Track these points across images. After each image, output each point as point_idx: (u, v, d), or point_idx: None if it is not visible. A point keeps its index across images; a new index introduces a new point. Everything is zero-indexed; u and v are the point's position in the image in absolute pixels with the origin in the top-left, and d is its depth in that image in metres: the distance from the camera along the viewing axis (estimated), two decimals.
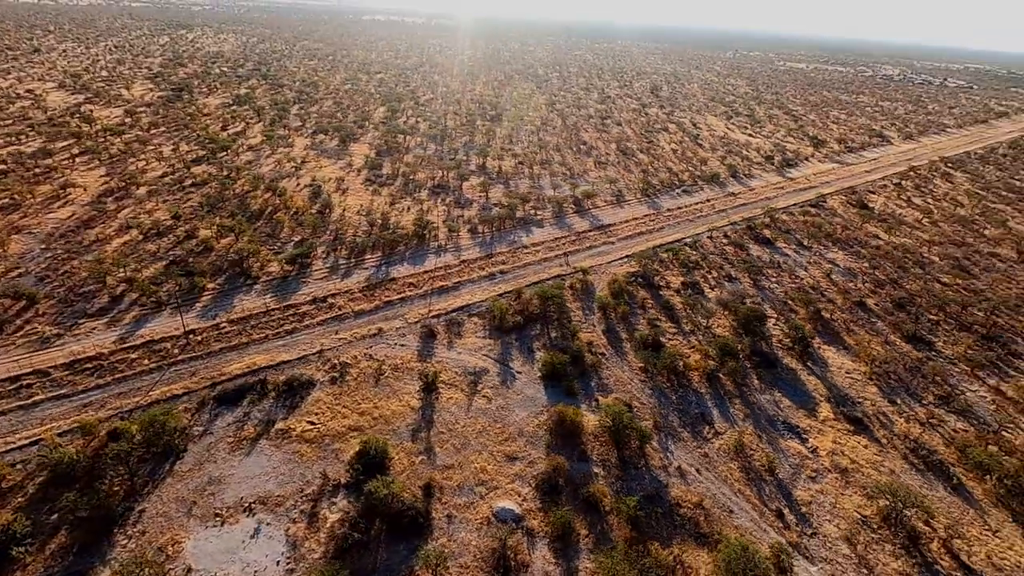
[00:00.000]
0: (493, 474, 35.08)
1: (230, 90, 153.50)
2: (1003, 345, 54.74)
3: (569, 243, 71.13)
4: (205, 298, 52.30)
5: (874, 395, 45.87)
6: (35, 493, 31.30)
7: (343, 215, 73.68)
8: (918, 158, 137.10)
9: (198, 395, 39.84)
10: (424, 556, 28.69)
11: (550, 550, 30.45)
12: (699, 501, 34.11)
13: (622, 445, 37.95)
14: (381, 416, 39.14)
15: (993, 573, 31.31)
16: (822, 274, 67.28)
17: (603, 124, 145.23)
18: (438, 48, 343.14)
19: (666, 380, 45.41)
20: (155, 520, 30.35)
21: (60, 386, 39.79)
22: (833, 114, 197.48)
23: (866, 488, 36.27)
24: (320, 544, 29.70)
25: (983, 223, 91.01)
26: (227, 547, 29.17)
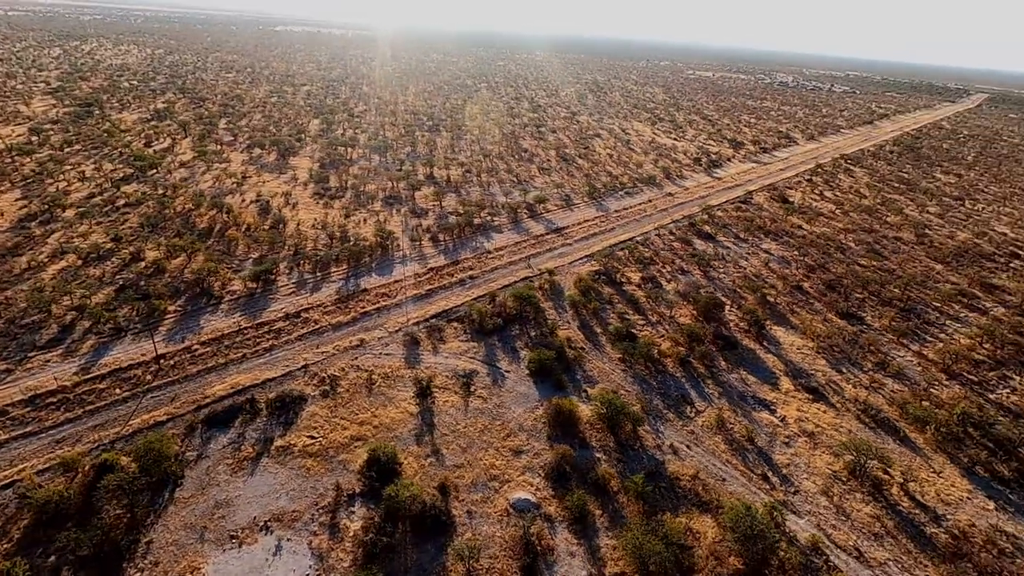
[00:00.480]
0: (503, 468, 36.23)
1: (146, 105, 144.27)
2: (918, 316, 62.45)
3: (529, 247, 73.35)
4: (168, 321, 49.72)
5: (823, 367, 51.15)
6: (22, 537, 29.05)
7: (298, 229, 71.94)
8: (822, 156, 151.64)
9: (184, 420, 38.13)
10: (456, 550, 29.42)
11: (570, 532, 32.04)
12: (695, 473, 36.95)
13: (617, 430, 40.26)
14: (381, 424, 39.21)
15: (943, 507, 36.21)
16: (761, 263, 73.56)
17: (539, 132, 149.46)
18: (361, 60, 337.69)
19: (644, 368, 48.39)
20: (166, 549, 29.06)
21: (24, 423, 36.78)
22: (744, 118, 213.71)
23: (831, 447, 40.66)
24: (347, 553, 29.64)
25: (884, 212, 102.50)
26: (250, 567, 28.50)
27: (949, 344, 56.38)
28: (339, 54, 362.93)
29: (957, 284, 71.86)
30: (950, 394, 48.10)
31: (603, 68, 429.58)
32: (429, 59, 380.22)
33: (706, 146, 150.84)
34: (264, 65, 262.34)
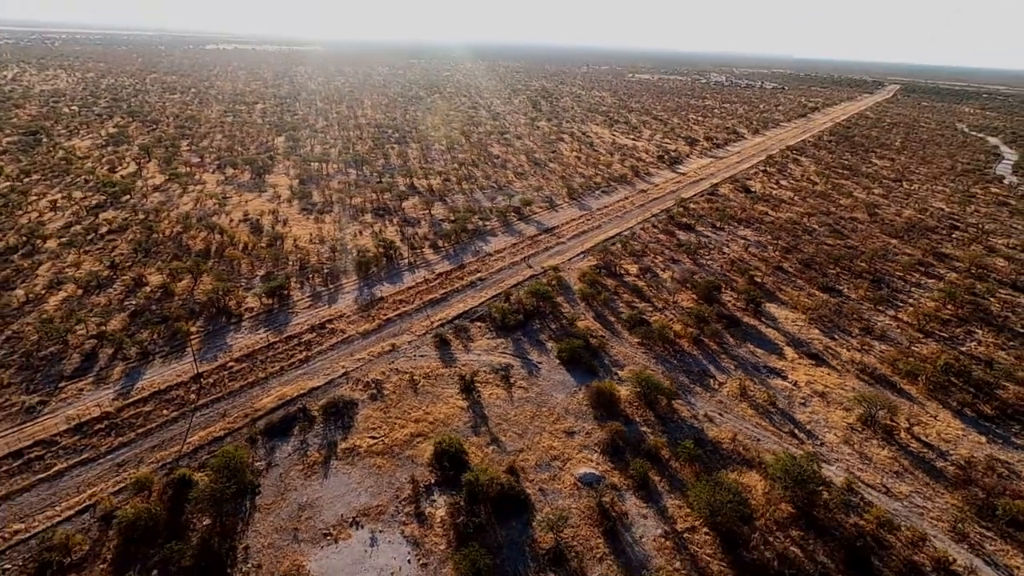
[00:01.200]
0: (561, 449, 38.58)
1: (96, 130, 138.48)
2: (888, 285, 68.99)
3: (526, 247, 76.07)
4: (194, 341, 49.40)
5: (818, 335, 56.15)
6: (115, 556, 29.17)
7: (296, 245, 71.96)
8: (770, 148, 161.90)
9: (241, 433, 38.54)
10: (545, 522, 31.57)
11: (637, 497, 34.75)
12: (733, 436, 40.45)
13: (654, 405, 43.36)
14: (436, 420, 40.80)
15: (945, 445, 41.12)
16: (741, 248, 79.02)
17: (504, 139, 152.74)
18: (306, 76, 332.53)
19: (663, 349, 51.88)
20: (265, 552, 29.86)
21: (78, 451, 36.32)
22: (691, 117, 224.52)
23: (842, 404, 45.17)
24: (440, 537, 31.26)
25: (836, 195, 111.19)
26: (352, 560, 29.70)
27: (918, 307, 62.81)
28: (282, 71, 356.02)
29: (912, 255, 79.52)
30: (929, 350, 53.92)
31: (546, 75, 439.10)
32: (376, 72, 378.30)
33: (664, 144, 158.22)
34: (208, 85, 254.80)
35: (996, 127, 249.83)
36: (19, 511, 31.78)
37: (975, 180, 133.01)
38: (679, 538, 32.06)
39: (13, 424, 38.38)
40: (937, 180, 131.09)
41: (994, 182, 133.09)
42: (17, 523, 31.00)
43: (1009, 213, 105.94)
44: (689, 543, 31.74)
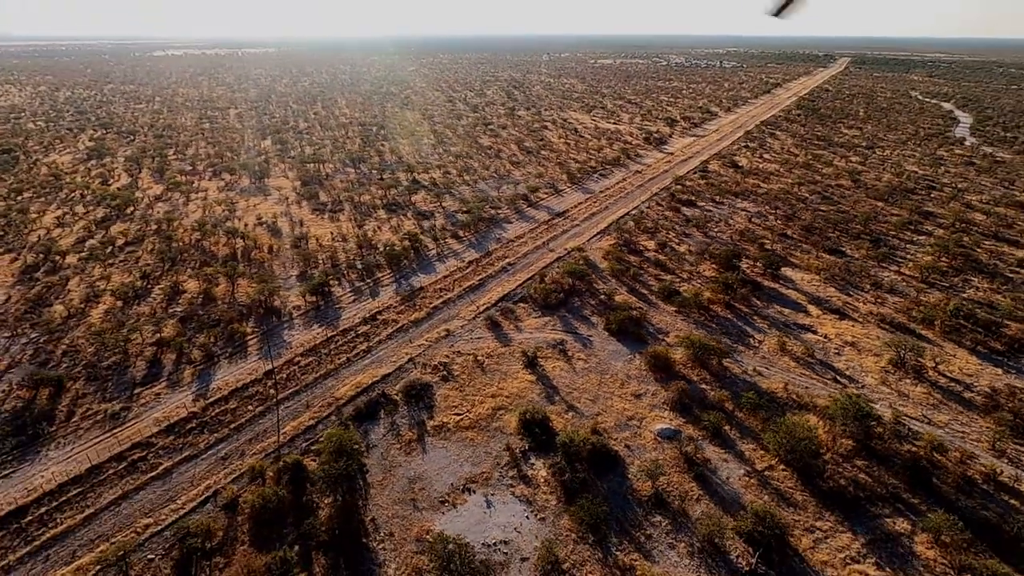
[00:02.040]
0: (634, 410, 41.48)
1: (71, 144, 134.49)
2: (885, 244, 74.04)
3: (544, 231, 78.56)
4: (252, 341, 50.43)
5: (835, 293, 60.41)
6: (251, 539, 30.77)
7: (320, 244, 72.80)
8: (745, 125, 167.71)
9: (331, 420, 40.20)
10: (642, 472, 34.43)
11: (714, 445, 37.90)
12: (784, 386, 44.03)
13: (706, 365, 46.64)
14: (512, 394, 43.16)
15: (968, 378, 45.59)
16: (744, 220, 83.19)
17: (490, 130, 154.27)
18: (270, 78, 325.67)
19: (699, 315, 55.26)
20: (393, 522, 31.89)
21: (178, 449, 37.45)
22: (663, 99, 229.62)
23: (872, 350, 49.32)
24: (549, 494, 33.81)
25: (818, 165, 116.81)
26: (475, 521, 31.99)
27: (917, 261, 67.86)
28: (243, 75, 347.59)
29: (900, 215, 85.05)
30: (934, 298, 58.73)
31: (511, 65, 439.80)
32: (339, 71, 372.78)
33: (645, 127, 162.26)
34: (171, 93, 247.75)
35: (946, 93, 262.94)
36: (141, 507, 32.97)
37: (939, 143, 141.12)
38: (761, 476, 35.37)
39: (104, 431, 39.15)
40: (905, 145, 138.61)
41: (956, 144, 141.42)
42: (144, 518, 32.23)
43: (976, 172, 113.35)
44: (771, 479, 35.07)
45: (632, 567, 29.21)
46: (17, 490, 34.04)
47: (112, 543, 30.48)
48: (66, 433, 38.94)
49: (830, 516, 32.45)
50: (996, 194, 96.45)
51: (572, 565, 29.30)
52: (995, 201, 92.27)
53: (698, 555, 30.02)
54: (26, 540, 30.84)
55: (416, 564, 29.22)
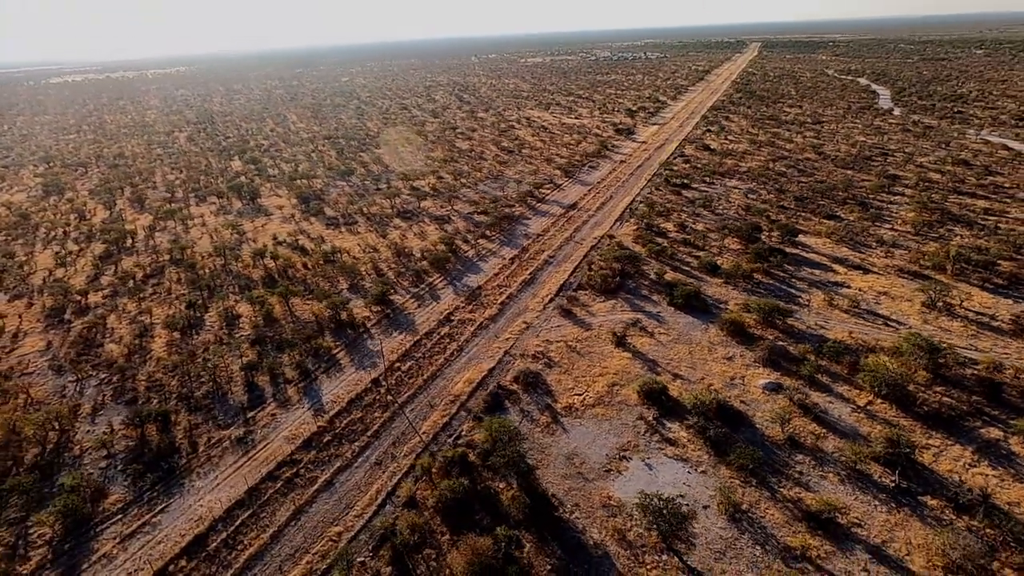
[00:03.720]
0: (732, 371, 45.48)
1: (16, 182, 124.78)
2: (873, 207, 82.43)
3: (564, 224, 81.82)
4: (340, 354, 50.70)
5: (849, 252, 67.22)
6: (448, 529, 32.18)
7: (353, 256, 72.73)
8: (696, 111, 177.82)
9: (462, 416, 41.70)
10: (773, 415, 38.39)
11: (814, 390, 42.45)
12: (848, 334, 49.43)
13: (774, 324, 51.44)
14: (617, 370, 46.12)
15: (989, 310, 52.77)
16: (741, 196, 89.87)
17: (461, 134, 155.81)
18: (200, 97, 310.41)
19: (745, 283, 60.27)
20: (571, 494, 34.14)
21: (326, 462, 37.91)
22: (609, 91, 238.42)
23: (903, 296, 55.86)
24: (698, 450, 37.09)
25: (779, 142, 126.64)
26: (645, 482, 34.79)
27: (903, 218, 76.31)
28: (168, 96, 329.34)
29: (870, 180, 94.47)
30: (932, 247, 66.65)
31: (444, 69, 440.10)
32: (271, 86, 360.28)
33: (607, 119, 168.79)
34: (97, 121, 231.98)
35: (856, 69, 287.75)
36: (323, 518, 33.53)
37: (873, 115, 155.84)
38: (866, 411, 40.20)
39: (238, 455, 38.91)
40: (845, 119, 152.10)
41: (887, 115, 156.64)
42: (332, 527, 32.88)
43: (915, 137, 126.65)
44: (875, 412, 39.97)
45: (799, 499, 32.99)
46: (185, 521, 33.67)
47: (313, 553, 31.11)
48: (201, 463, 38.43)
49: (936, 434, 37.61)
50: (940, 155, 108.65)
51: (749, 505, 32.73)
52: (942, 161, 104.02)
53: (848, 481, 34.22)
54: (223, 564, 30.86)
55: (614, 526, 31.72)
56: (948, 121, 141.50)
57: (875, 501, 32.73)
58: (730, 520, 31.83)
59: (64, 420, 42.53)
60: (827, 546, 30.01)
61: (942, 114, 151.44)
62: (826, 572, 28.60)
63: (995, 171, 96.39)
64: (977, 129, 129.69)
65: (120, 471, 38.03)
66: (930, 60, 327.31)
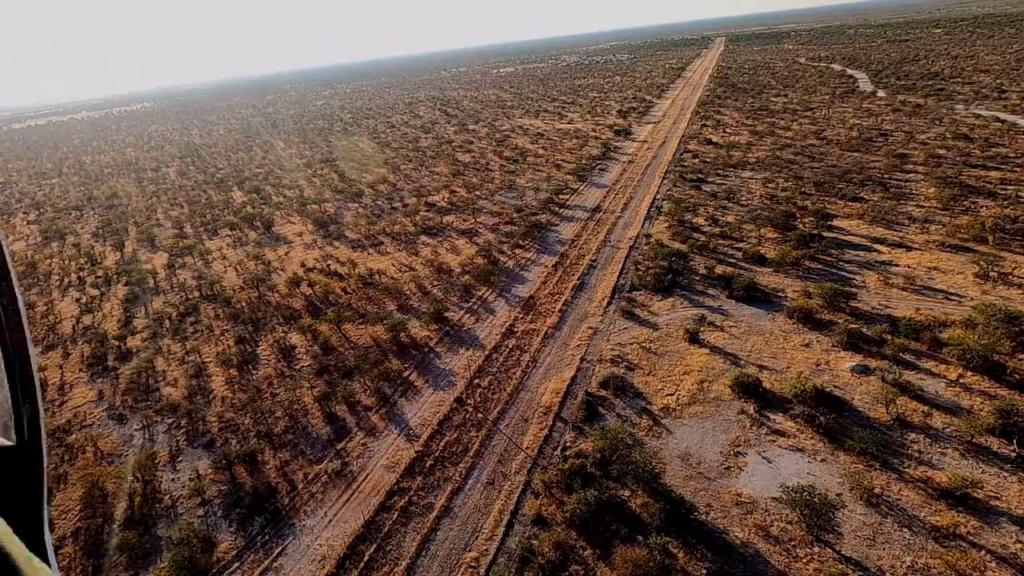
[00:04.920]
0: (815, 357, 45.64)
1: (10, 231, 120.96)
2: (892, 187, 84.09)
3: (595, 227, 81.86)
4: (412, 376, 49.70)
5: (885, 232, 68.30)
6: (588, 544, 31.52)
7: (391, 277, 71.71)
8: (685, 107, 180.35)
9: (560, 427, 41.08)
10: (865, 405, 38.49)
11: (905, 369, 42.81)
12: (916, 310, 50.06)
13: (840, 308, 51.86)
14: (701, 367, 45.97)
15: None
16: (760, 186, 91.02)
17: (459, 147, 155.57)
18: (176, 131, 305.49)
19: (795, 270, 60.81)
20: (699, 495, 33.74)
21: (436, 486, 36.93)
22: (592, 95, 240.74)
23: (954, 270, 56.84)
24: (811, 438, 37.01)
25: (779, 131, 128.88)
26: (769, 476, 34.56)
27: (926, 194, 78.00)
28: (142, 132, 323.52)
29: (879, 160, 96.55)
30: (965, 220, 68.08)
31: (417, 86, 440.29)
32: (246, 114, 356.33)
33: (600, 122, 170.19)
34: (75, 163, 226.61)
35: (825, 56, 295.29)
36: (453, 545, 32.58)
37: (860, 98, 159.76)
38: (959, 384, 40.62)
39: (342, 489, 37.72)
40: (834, 105, 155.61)
41: (871, 97, 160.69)
42: (465, 553, 31.96)
43: (906, 116, 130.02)
44: (970, 385, 40.41)
45: (928, 477, 33.05)
46: (309, 562, 32.43)
47: None
48: (304, 500, 37.15)
49: None
50: (938, 131, 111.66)
51: (881, 489, 32.67)
52: (941, 137, 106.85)
53: (969, 455, 34.42)
54: None
55: (755, 522, 31.37)
56: (934, 99, 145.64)
57: (1003, 472, 32.96)
58: (868, 505, 31.73)
59: (146, 470, 40.90)
60: (973, 522, 30.06)
61: (925, 92, 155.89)
62: (983, 548, 28.63)
63: (996, 143, 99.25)
64: (965, 104, 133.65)
65: (222, 517, 36.58)
66: (893, 42, 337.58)
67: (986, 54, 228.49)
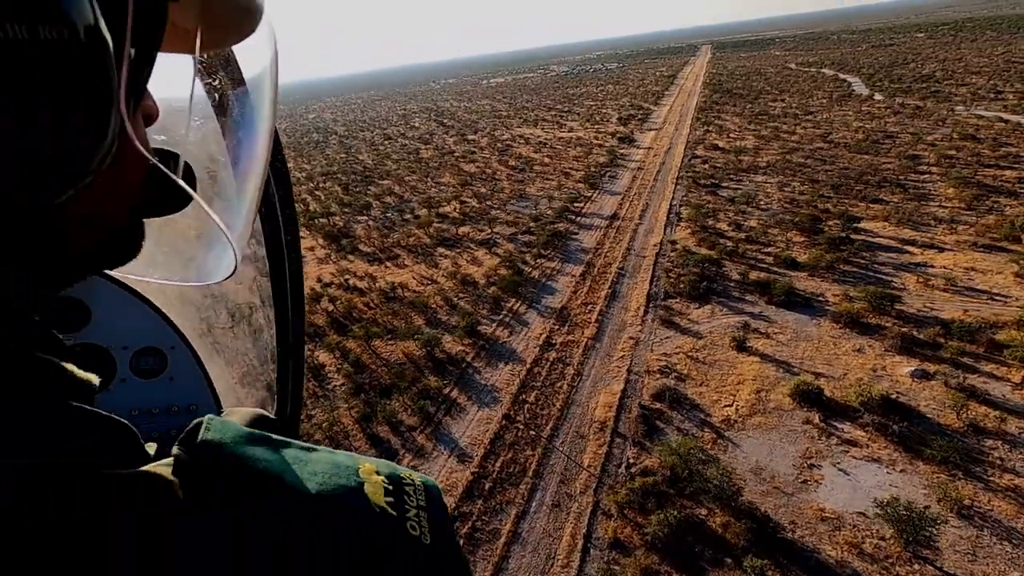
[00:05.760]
0: (870, 363, 44.67)
1: None
2: (911, 188, 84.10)
3: (615, 235, 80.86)
4: (453, 394, 48.03)
5: (913, 234, 67.91)
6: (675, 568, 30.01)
7: (413, 291, 70.09)
8: (684, 113, 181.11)
9: (619, 442, 39.60)
10: (934, 411, 37.48)
11: (966, 372, 41.92)
12: (964, 312, 49.35)
13: (884, 311, 51.06)
14: (755, 376, 44.81)
15: None
16: (777, 190, 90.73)
17: (461, 157, 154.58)
18: None
19: (832, 272, 60.10)
20: (781, 512, 32.38)
21: (501, 510, 35.22)
22: (588, 103, 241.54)
23: (992, 270, 56.40)
24: (886, 448, 35.88)
25: (784, 135, 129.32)
26: (850, 489, 33.34)
27: (946, 194, 77.99)
28: None
29: (891, 162, 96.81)
30: (992, 219, 67.87)
31: (409, 98, 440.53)
32: None
33: (601, 130, 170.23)
34: None
35: (814, 61, 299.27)
36: (530, 572, 30.88)
37: (858, 101, 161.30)
38: None
39: None
40: (832, 109, 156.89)
41: (869, 100, 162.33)
42: None
43: (908, 118, 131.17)
44: None
45: (1016, 486, 32.00)
46: None
47: None
48: None
49: None
50: (944, 132, 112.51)
51: (971, 499, 31.53)
52: (948, 138, 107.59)
53: None
54: None
55: (846, 539, 30.05)
56: (932, 100, 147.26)
57: None
58: (961, 518, 30.56)
59: None
60: None
61: (922, 95, 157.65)
62: None
63: (1005, 143, 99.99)
64: (965, 105, 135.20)
65: None
66: (878, 46, 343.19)
67: (973, 56, 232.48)
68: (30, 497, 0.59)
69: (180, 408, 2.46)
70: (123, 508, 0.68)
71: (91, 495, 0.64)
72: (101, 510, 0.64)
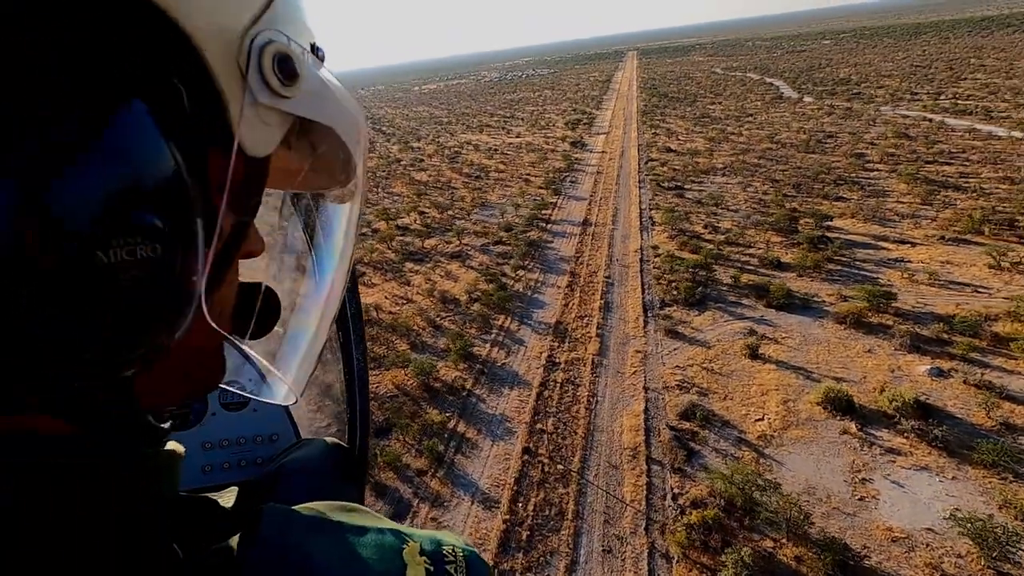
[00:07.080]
0: (885, 363, 44.27)
1: None
2: (867, 185, 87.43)
3: (591, 243, 78.50)
4: (459, 427, 43.49)
5: (881, 230, 69.97)
6: None
7: (388, 312, 64.61)
8: (628, 117, 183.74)
9: (657, 471, 36.65)
10: (965, 410, 37.22)
11: (978, 368, 42.25)
12: (956, 306, 50.34)
13: (883, 309, 51.37)
14: (777, 385, 43.24)
15: None
16: (741, 190, 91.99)
17: (410, 165, 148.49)
18: None
19: (821, 272, 60.37)
20: (847, 533, 30.40)
21: (548, 562, 31.24)
22: (528, 109, 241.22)
23: (966, 263, 58.48)
24: (930, 454, 34.89)
25: (732, 137, 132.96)
26: (910, 502, 31.94)
27: (899, 190, 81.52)
28: None
29: (841, 160, 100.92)
30: (949, 213, 71.09)
31: None
32: None
33: (549, 135, 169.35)
34: None
35: (737, 66, 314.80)
36: None
37: (791, 104, 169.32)
38: None
39: None
40: (769, 110, 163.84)
41: (799, 103, 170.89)
42: None
43: (841, 118, 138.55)
44: None
45: None
46: None
47: None
48: None
49: None
50: (879, 131, 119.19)
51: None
52: (884, 136, 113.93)
53: None
54: None
55: (924, 560, 28.40)
56: (858, 102, 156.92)
57: None
58: None
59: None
60: None
61: (847, 96, 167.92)
62: None
63: (936, 140, 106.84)
64: (891, 106, 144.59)
65: None
66: (791, 52, 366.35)
67: (880, 61, 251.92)
68: (30, 497, 0.61)
69: (264, 438, 2.73)
70: None
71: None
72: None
